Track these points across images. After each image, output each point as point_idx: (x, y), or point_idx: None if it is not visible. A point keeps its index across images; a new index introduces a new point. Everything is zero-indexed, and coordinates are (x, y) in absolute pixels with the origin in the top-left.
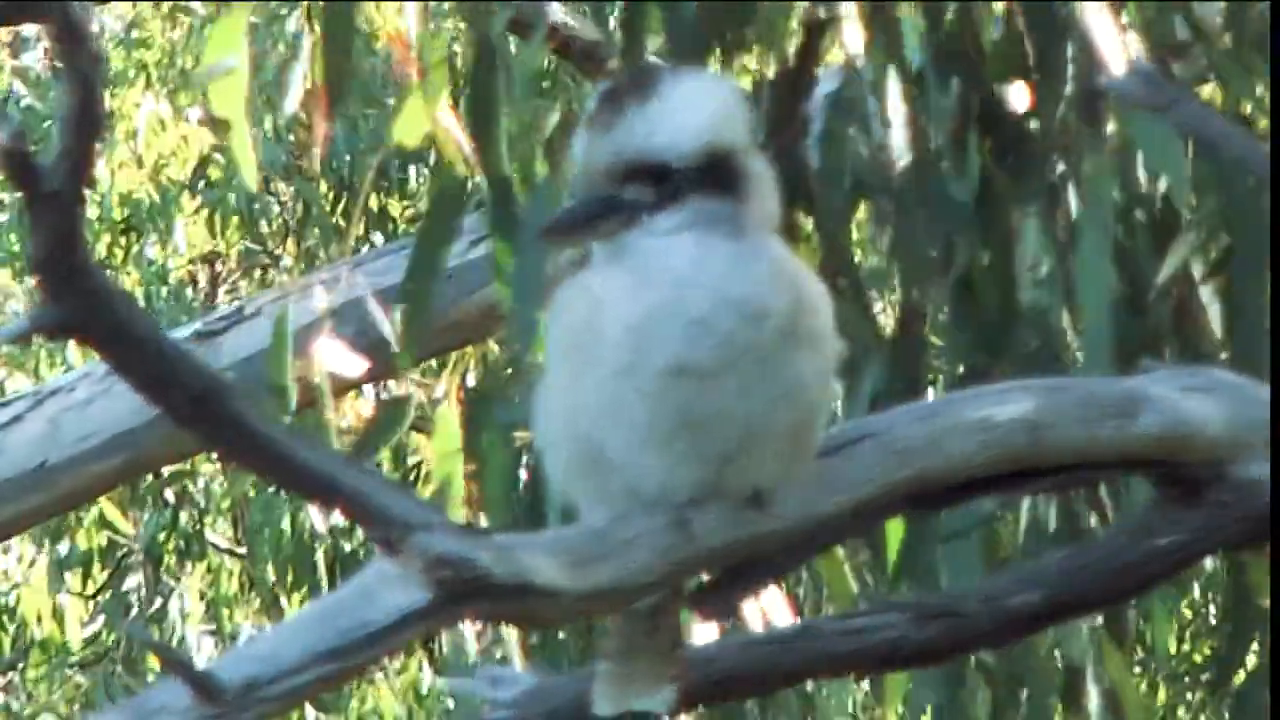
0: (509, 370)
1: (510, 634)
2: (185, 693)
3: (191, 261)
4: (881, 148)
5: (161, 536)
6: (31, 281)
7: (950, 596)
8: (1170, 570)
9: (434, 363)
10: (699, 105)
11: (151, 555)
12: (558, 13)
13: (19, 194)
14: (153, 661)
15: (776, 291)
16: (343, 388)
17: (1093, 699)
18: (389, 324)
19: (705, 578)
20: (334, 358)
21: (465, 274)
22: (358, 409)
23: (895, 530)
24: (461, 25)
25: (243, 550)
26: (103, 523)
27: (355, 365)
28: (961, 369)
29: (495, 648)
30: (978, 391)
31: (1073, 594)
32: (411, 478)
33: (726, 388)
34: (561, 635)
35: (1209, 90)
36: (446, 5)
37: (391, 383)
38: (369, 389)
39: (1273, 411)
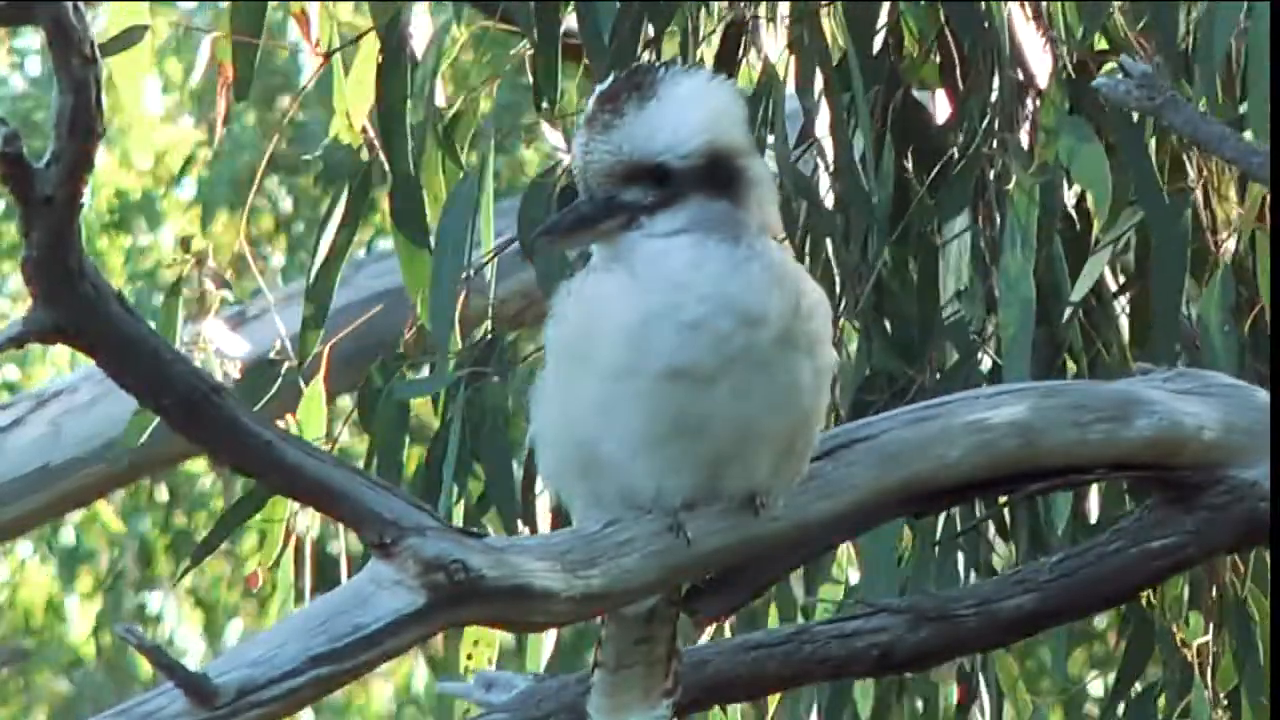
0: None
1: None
2: (179, 696)
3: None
4: (791, 152)
5: (153, 536)
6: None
7: (944, 600)
8: (1163, 574)
9: None
10: (698, 106)
11: (142, 555)
12: None
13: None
14: (142, 665)
15: (773, 295)
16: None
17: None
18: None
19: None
20: (221, 338)
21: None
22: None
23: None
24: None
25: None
26: (89, 519)
27: (238, 345)
28: (868, 373)
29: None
30: (970, 395)
31: (1066, 598)
32: None
33: (722, 391)
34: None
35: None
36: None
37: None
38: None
39: (1273, 412)
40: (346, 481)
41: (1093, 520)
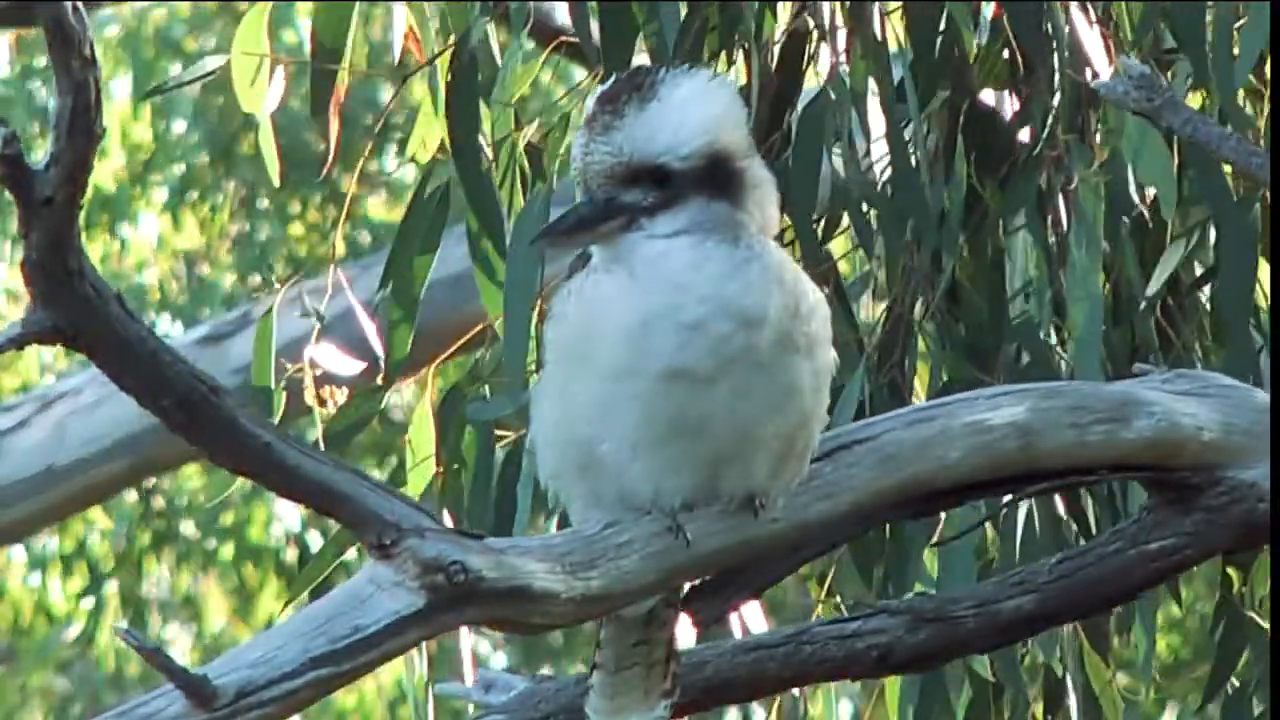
0: (488, 369)
1: None
2: (179, 698)
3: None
4: (863, 157)
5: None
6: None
7: (943, 601)
8: (1162, 576)
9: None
10: (699, 107)
11: (129, 555)
12: (562, 13)
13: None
14: (132, 665)
15: (773, 297)
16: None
17: (1073, 703)
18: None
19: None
20: (327, 360)
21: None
22: (335, 398)
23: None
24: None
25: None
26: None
27: (350, 366)
28: (946, 379)
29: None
30: (969, 396)
31: (1065, 599)
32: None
33: (721, 392)
34: None
35: (1196, 99)
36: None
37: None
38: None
39: (1273, 412)
40: (346, 483)
41: None
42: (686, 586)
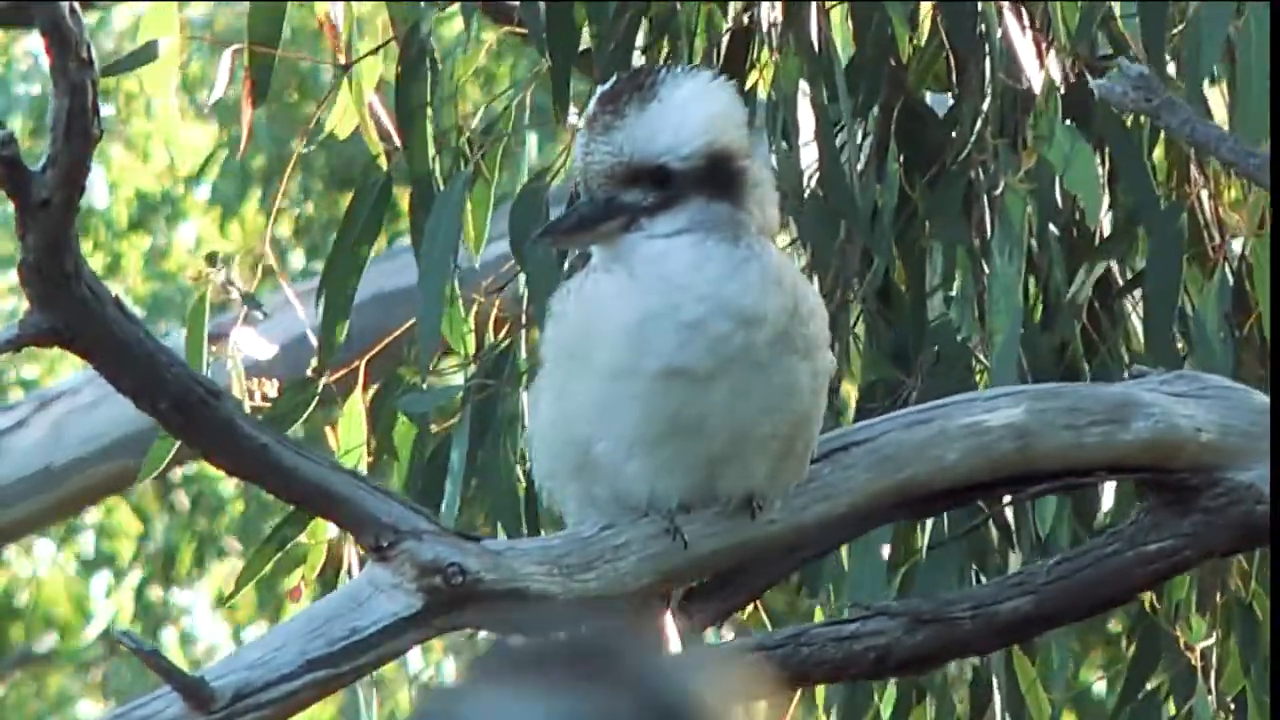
0: (416, 362)
1: None
2: (176, 700)
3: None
4: (791, 156)
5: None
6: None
7: (941, 603)
8: (1161, 577)
9: None
10: (698, 108)
11: (164, 557)
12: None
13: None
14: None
15: (772, 297)
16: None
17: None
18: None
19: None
20: (249, 345)
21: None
22: (264, 391)
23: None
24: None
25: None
26: (103, 531)
27: (266, 350)
28: (873, 379)
29: None
30: (967, 398)
31: (1063, 601)
32: None
33: (719, 392)
34: None
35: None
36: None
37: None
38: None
39: (1273, 413)
40: (344, 485)
41: None
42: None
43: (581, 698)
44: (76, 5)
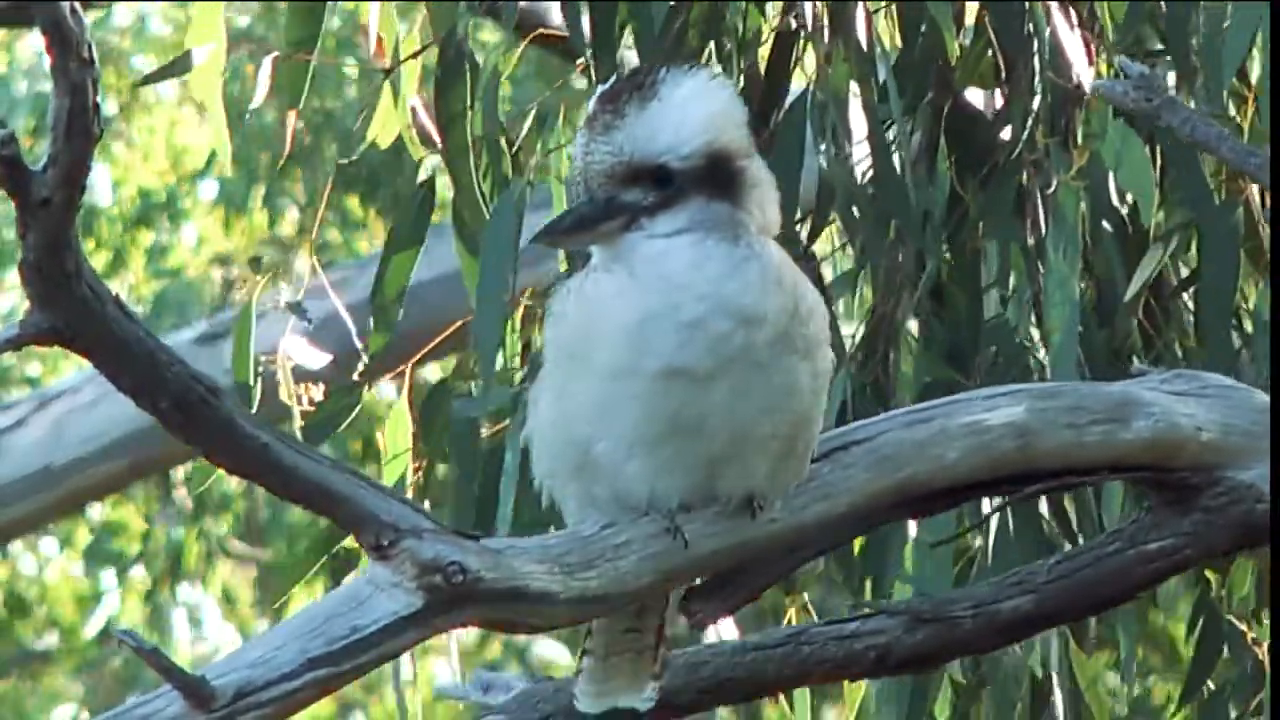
0: (471, 367)
1: None
2: (177, 699)
3: (218, 261)
4: (846, 158)
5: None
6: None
7: (941, 602)
8: (1161, 576)
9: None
10: (699, 107)
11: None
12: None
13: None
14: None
15: (772, 297)
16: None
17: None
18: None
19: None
20: (299, 353)
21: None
22: (310, 396)
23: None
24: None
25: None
26: (108, 528)
27: (318, 359)
28: (928, 380)
29: None
30: (966, 397)
31: (1063, 600)
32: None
33: (719, 392)
34: None
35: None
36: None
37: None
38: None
39: (1273, 413)
40: (344, 484)
41: None
42: None
43: None
44: (77, 5)
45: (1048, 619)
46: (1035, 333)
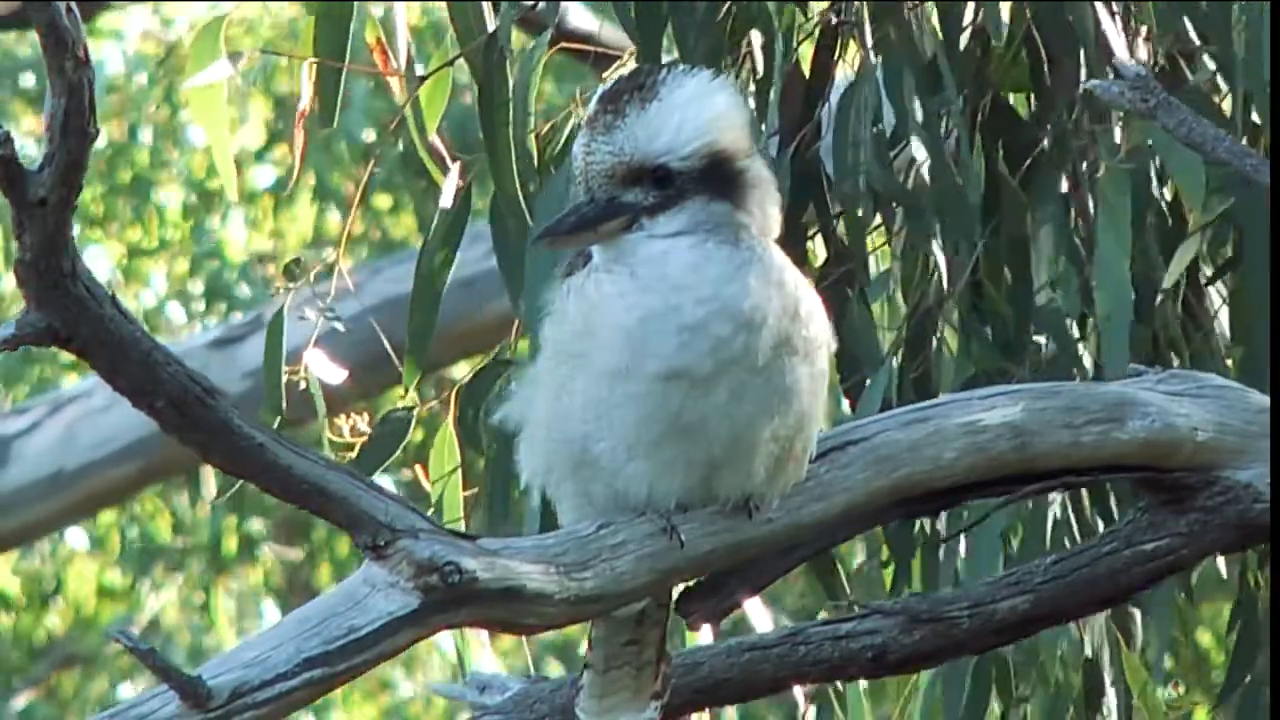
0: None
1: None
2: (173, 699)
3: (261, 259)
4: (891, 152)
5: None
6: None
7: (938, 602)
8: (1158, 576)
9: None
10: (699, 108)
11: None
12: (575, 17)
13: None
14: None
15: (771, 299)
16: (341, 401)
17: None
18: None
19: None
20: (321, 368)
21: (483, 282)
22: (354, 425)
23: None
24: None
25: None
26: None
27: (335, 374)
28: (974, 373)
29: None
30: (963, 397)
31: (1060, 600)
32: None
33: (719, 393)
34: None
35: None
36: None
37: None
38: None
39: (1273, 413)
40: (340, 484)
41: None
42: (679, 587)
43: None
44: (74, 5)
45: (1045, 619)
46: (1074, 326)
